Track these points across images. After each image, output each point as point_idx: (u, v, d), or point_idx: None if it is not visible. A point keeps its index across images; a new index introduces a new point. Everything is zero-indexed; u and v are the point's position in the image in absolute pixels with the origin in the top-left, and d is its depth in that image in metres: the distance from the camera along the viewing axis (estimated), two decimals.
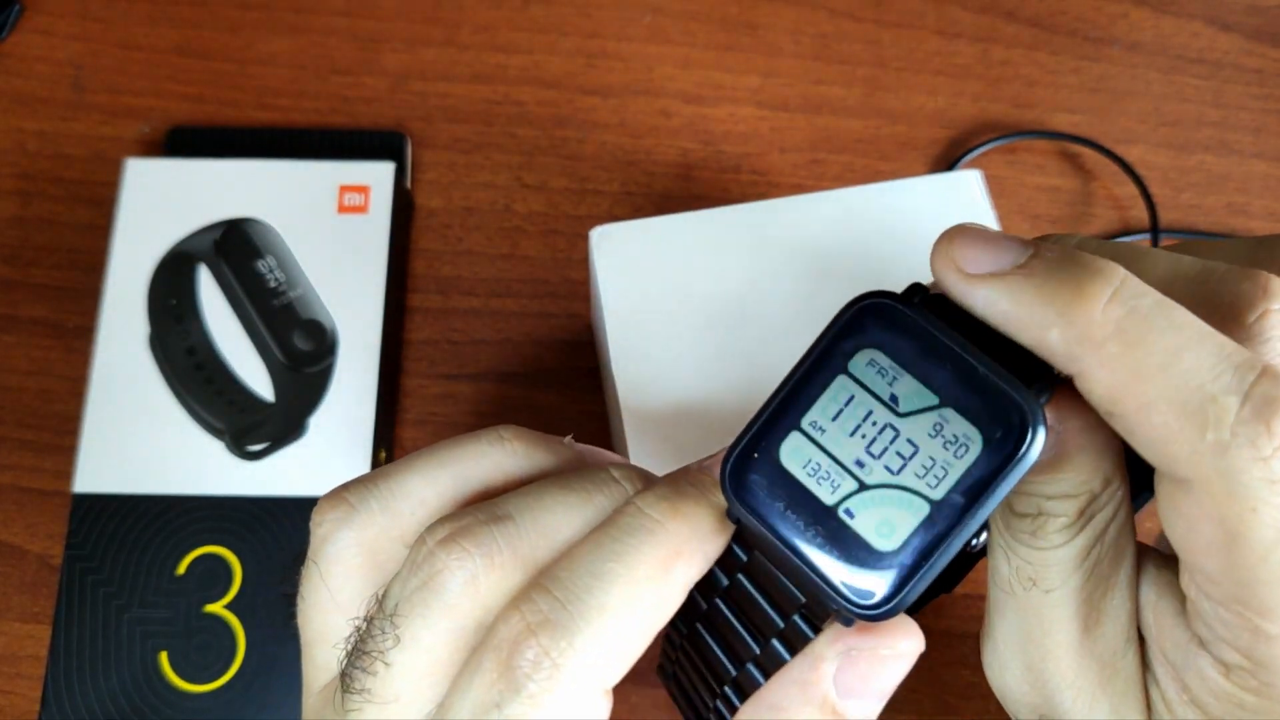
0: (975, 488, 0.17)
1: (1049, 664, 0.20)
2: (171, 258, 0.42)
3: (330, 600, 0.21)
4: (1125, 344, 0.17)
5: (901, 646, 0.19)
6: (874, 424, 0.18)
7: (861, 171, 0.47)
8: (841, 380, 0.18)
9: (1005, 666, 0.21)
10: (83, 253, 0.45)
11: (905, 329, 0.18)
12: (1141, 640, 0.20)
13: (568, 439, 0.25)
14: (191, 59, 0.49)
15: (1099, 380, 0.17)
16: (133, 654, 0.38)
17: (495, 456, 0.22)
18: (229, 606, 0.38)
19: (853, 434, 0.18)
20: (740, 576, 0.20)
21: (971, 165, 0.47)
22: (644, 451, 0.30)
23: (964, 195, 0.34)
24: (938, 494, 0.17)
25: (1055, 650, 0.20)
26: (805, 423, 0.18)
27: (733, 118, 0.48)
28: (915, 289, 0.19)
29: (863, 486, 0.18)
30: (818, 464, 0.18)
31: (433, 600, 0.19)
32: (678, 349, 0.32)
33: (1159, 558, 0.20)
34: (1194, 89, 0.49)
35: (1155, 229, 0.45)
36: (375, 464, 0.40)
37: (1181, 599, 0.19)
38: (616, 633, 0.19)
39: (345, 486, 0.22)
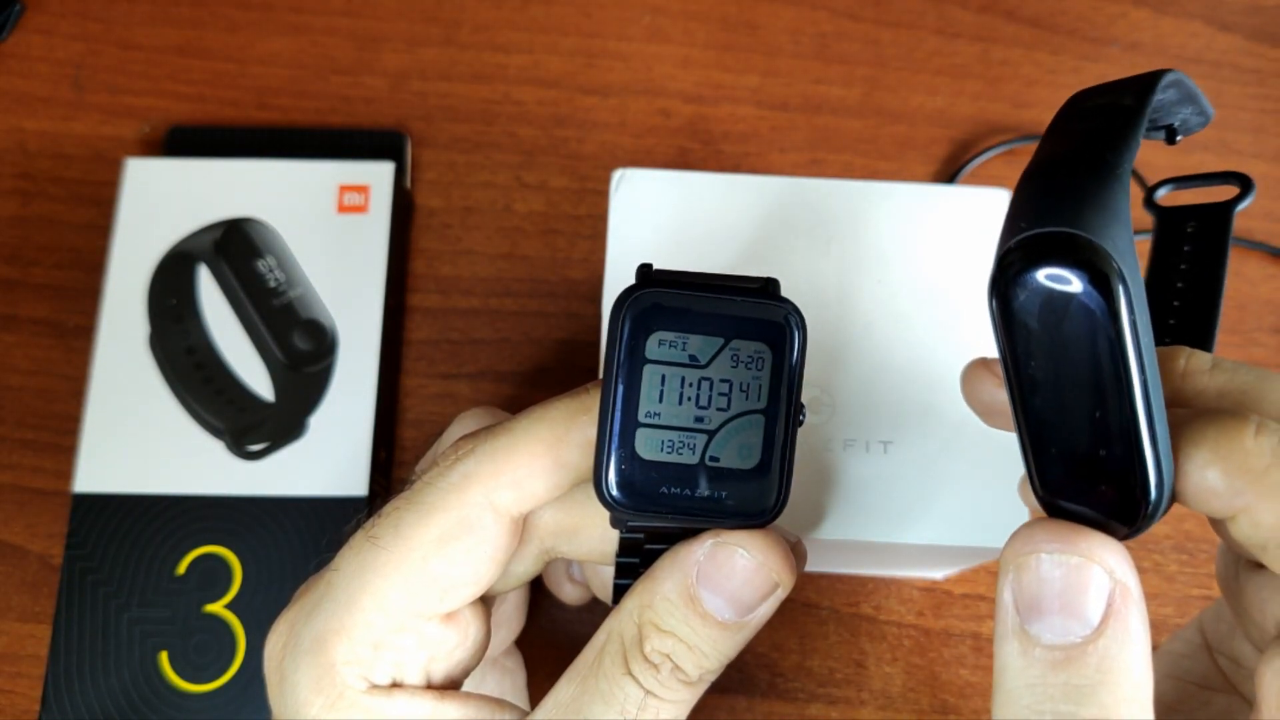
0: (782, 379, 0.21)
1: None
2: (171, 258, 0.42)
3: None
4: None
5: (757, 553, 0.22)
6: (691, 385, 0.21)
7: (861, 171, 0.47)
8: (649, 369, 0.21)
9: None
10: (83, 252, 0.45)
11: (666, 304, 0.21)
12: None
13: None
14: (191, 59, 0.49)
15: (1266, 510, 0.18)
16: (133, 654, 0.38)
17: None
18: (229, 606, 0.38)
19: (681, 402, 0.21)
20: (649, 547, 0.23)
21: (973, 169, 0.47)
22: None
23: (986, 212, 0.33)
24: (763, 403, 0.21)
25: None
26: (643, 417, 0.21)
27: (732, 117, 0.48)
28: (645, 268, 0.22)
29: (711, 434, 0.21)
30: (670, 440, 0.21)
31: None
32: None
33: None
34: None
35: None
36: (375, 464, 0.40)
37: None
38: (510, 450, 0.23)
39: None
